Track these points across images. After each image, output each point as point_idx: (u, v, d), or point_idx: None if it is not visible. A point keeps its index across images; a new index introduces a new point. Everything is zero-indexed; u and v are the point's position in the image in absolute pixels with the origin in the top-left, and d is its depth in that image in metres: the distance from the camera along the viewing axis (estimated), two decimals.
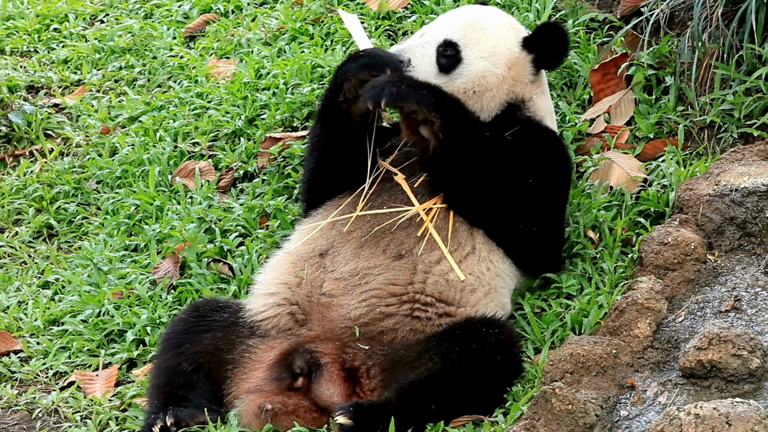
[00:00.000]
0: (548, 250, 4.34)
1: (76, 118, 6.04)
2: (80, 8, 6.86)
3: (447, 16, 4.55)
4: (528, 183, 4.23)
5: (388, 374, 3.98)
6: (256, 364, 4.12)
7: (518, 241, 4.26)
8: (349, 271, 4.17)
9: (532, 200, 4.24)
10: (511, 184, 4.22)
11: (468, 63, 4.38)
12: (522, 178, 4.23)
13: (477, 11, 4.53)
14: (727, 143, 4.66)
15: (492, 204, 4.22)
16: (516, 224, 4.23)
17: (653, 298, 3.93)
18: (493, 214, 4.23)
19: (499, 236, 4.25)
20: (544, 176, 4.29)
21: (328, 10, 6.06)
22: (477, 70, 4.37)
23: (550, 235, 4.32)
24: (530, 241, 4.27)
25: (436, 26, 4.47)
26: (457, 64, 4.37)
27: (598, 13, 5.39)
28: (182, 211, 5.15)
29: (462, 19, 4.46)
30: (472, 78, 4.37)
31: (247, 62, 5.88)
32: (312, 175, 4.54)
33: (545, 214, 4.29)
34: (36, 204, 5.54)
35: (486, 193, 4.21)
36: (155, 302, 4.77)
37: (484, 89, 4.38)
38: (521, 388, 3.94)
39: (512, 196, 4.22)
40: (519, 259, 4.30)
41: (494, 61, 4.38)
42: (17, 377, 4.63)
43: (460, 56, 4.37)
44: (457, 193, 4.24)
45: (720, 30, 4.74)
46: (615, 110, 4.98)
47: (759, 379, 3.57)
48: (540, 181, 4.26)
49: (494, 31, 4.44)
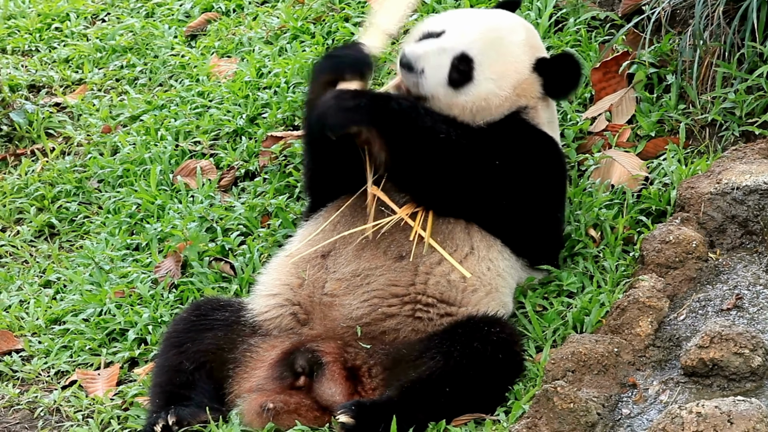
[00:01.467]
0: (545, 237, 4.31)
1: (77, 117, 6.04)
2: (81, 7, 6.86)
3: (470, 20, 4.38)
4: (507, 175, 4.16)
5: (390, 373, 3.98)
6: (258, 363, 4.12)
7: (512, 229, 4.23)
8: (350, 272, 4.17)
9: (515, 193, 4.19)
10: (487, 178, 4.16)
11: (476, 84, 4.26)
12: (500, 171, 4.16)
13: (501, 23, 4.38)
14: (729, 141, 4.66)
15: (470, 200, 4.17)
16: (506, 211, 4.20)
17: (655, 297, 3.93)
18: (474, 210, 4.19)
19: (491, 229, 4.23)
20: (528, 167, 4.22)
21: (330, 8, 6.06)
22: (482, 92, 4.27)
23: (544, 221, 4.29)
24: (525, 228, 4.24)
25: (457, 31, 4.32)
26: (467, 82, 4.26)
27: (600, 11, 5.38)
28: (184, 210, 5.15)
29: (484, 31, 4.32)
30: (476, 99, 4.27)
31: (248, 61, 5.88)
32: (309, 181, 4.52)
33: (534, 201, 4.24)
34: (37, 203, 5.54)
35: (459, 192, 4.17)
36: (157, 301, 4.77)
37: (482, 109, 4.28)
38: (523, 386, 3.94)
39: (490, 189, 4.17)
40: (516, 247, 4.27)
41: (501, 84, 4.28)
42: (19, 376, 4.63)
43: (472, 75, 4.26)
44: (430, 198, 4.20)
45: (721, 28, 4.74)
46: (616, 109, 4.98)
47: (761, 377, 3.57)
48: (523, 173, 4.20)
49: (511, 51, 4.31)
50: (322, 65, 4.32)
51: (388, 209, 4.24)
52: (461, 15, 4.47)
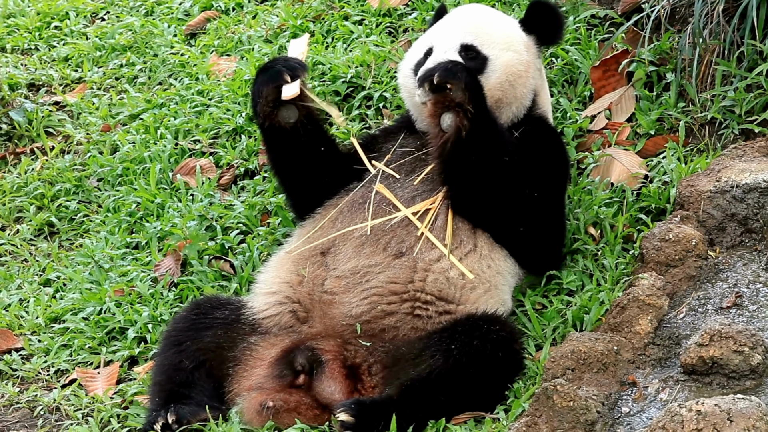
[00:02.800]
0: (551, 248, 4.34)
1: (77, 116, 6.04)
2: (81, 6, 6.86)
3: (443, 25, 4.50)
4: (534, 183, 4.23)
5: (390, 371, 3.98)
6: (258, 361, 4.12)
7: (522, 241, 4.25)
8: (350, 269, 4.18)
9: (536, 199, 4.23)
10: (518, 183, 4.20)
11: (494, 58, 4.36)
12: (529, 178, 4.22)
13: (468, 12, 4.52)
14: (728, 140, 4.66)
15: (497, 203, 4.20)
16: (520, 224, 4.22)
17: (654, 295, 3.93)
18: (497, 214, 4.22)
19: (502, 236, 4.25)
20: (549, 176, 4.29)
21: (329, 7, 6.06)
22: (505, 62, 4.36)
23: (554, 232, 4.33)
24: (534, 239, 4.26)
25: (440, 37, 4.43)
26: (485, 62, 4.35)
27: (599, 9, 5.38)
28: (183, 209, 5.15)
29: (462, 22, 4.45)
30: (504, 69, 4.35)
31: (247, 59, 5.88)
32: (289, 199, 4.63)
33: (549, 213, 4.29)
34: (37, 202, 5.54)
35: (492, 190, 4.19)
36: (156, 300, 4.77)
37: (516, 77, 4.38)
38: (522, 384, 3.94)
39: (517, 194, 4.20)
40: (522, 258, 4.30)
41: (515, 48, 4.40)
42: (18, 375, 4.63)
43: (484, 54, 4.35)
44: (463, 191, 4.23)
45: (721, 26, 4.74)
46: (616, 107, 4.98)
47: (760, 375, 3.57)
48: (545, 181, 4.26)
49: (497, 23, 4.46)
50: (260, 80, 4.36)
51: (389, 206, 4.25)
52: (437, 27, 4.55)
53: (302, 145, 4.41)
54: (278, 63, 4.35)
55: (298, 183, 4.49)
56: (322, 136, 4.47)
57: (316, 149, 4.43)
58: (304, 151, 4.42)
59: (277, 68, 4.32)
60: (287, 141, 4.40)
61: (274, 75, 4.31)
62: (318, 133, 4.44)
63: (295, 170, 4.48)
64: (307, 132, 4.40)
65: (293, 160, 4.45)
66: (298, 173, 4.47)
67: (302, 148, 4.42)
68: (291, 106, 4.36)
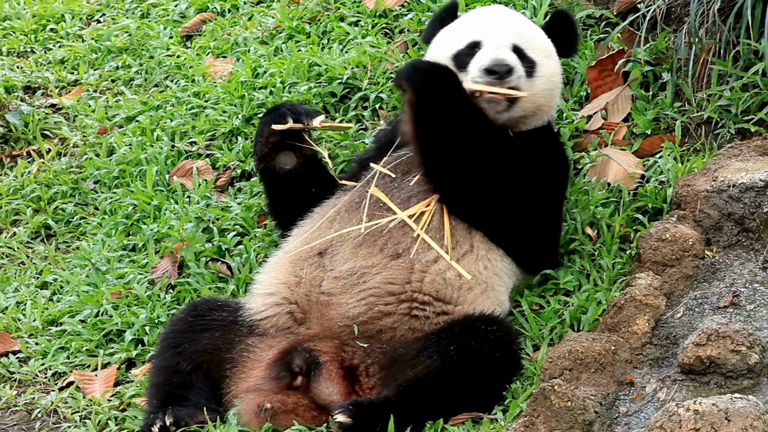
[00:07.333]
0: (547, 248, 4.34)
1: (73, 119, 6.04)
2: (77, 8, 6.85)
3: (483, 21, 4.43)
4: (530, 183, 4.23)
5: (387, 372, 3.98)
6: (255, 363, 4.12)
7: (518, 241, 4.25)
8: (347, 270, 4.17)
9: (533, 200, 4.23)
10: (511, 185, 4.21)
11: (541, 64, 4.36)
12: (524, 179, 4.23)
13: (506, 12, 4.50)
14: (725, 139, 4.67)
15: (491, 204, 4.20)
16: (516, 224, 4.22)
17: (651, 295, 3.93)
18: (492, 215, 4.22)
19: (498, 237, 4.25)
20: (547, 176, 4.29)
21: (325, 8, 6.05)
22: (550, 70, 4.38)
23: (550, 233, 4.33)
24: (530, 240, 4.26)
25: (488, 33, 4.36)
26: (533, 66, 4.34)
27: (595, 9, 5.39)
28: (180, 211, 5.14)
29: (507, 21, 4.41)
30: (548, 77, 4.37)
31: (244, 61, 5.87)
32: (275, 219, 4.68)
33: (545, 213, 4.29)
34: (34, 204, 5.54)
35: (485, 193, 4.20)
36: (154, 302, 4.77)
37: (554, 86, 4.42)
38: (520, 385, 3.94)
39: (513, 196, 4.21)
40: (518, 258, 4.30)
41: (554, 57, 4.42)
42: (16, 378, 4.63)
43: (530, 58, 4.34)
44: (454, 193, 4.23)
45: (717, 26, 4.74)
46: (612, 107, 4.98)
47: (758, 374, 3.58)
48: (542, 182, 4.26)
49: (536, 29, 4.46)
50: (264, 120, 4.44)
51: (385, 207, 4.25)
52: (476, 22, 4.48)
53: (298, 190, 4.48)
54: (285, 106, 4.43)
55: (291, 220, 4.51)
56: (322, 179, 4.52)
57: (313, 192, 4.48)
58: (299, 195, 4.48)
59: (282, 111, 4.39)
60: (282, 185, 4.49)
61: (277, 116, 4.38)
62: (317, 177, 4.50)
63: (288, 210, 4.53)
64: (306, 177, 4.47)
65: (287, 202, 4.52)
66: (291, 213, 4.50)
67: (298, 192, 4.48)
68: (289, 153, 4.44)
